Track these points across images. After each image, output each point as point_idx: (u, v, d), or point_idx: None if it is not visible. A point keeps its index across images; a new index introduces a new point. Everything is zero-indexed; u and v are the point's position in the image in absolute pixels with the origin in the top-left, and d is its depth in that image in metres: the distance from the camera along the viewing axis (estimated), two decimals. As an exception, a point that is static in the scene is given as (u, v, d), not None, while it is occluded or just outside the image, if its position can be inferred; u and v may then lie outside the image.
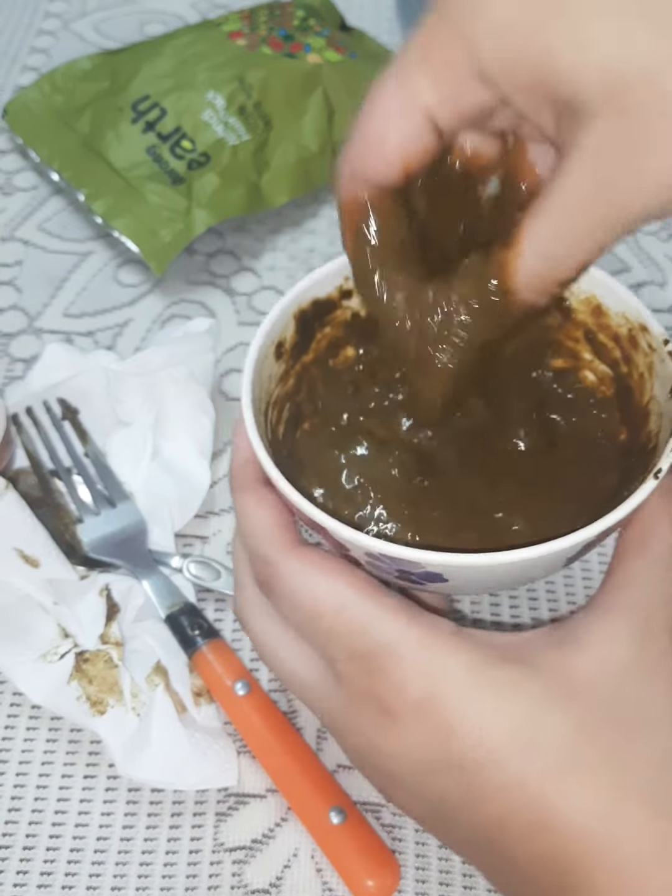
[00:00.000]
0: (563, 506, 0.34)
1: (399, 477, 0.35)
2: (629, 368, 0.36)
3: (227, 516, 0.45)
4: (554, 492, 0.35)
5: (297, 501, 0.29)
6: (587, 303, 0.36)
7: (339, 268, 0.36)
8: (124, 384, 0.45)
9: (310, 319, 0.36)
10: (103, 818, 0.36)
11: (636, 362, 0.35)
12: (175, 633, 0.39)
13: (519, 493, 0.35)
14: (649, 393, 0.35)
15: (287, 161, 0.55)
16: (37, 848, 0.35)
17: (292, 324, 0.35)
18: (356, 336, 0.37)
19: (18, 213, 0.57)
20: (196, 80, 0.55)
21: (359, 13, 0.72)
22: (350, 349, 0.38)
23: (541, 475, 0.35)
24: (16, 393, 0.47)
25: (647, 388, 0.35)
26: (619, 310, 0.35)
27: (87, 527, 0.42)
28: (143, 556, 0.41)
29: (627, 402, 0.36)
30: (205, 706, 0.38)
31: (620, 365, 0.36)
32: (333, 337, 0.37)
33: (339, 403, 0.37)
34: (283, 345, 0.35)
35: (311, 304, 0.36)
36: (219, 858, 0.35)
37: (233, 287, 0.54)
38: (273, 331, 0.34)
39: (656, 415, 0.34)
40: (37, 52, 0.67)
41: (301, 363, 0.36)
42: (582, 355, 0.37)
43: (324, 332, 0.37)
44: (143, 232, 0.52)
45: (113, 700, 0.37)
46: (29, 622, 0.39)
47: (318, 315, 0.36)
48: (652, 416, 0.34)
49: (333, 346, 0.37)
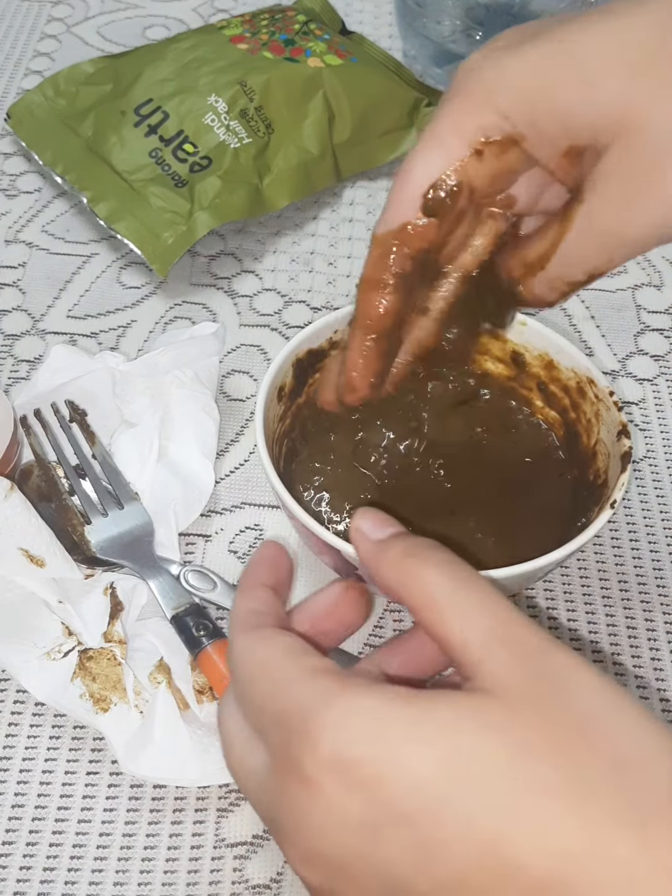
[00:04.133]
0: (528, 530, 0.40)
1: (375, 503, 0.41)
2: (577, 415, 0.42)
3: (229, 515, 0.45)
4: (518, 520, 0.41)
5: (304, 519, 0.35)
6: (540, 359, 0.43)
7: (331, 322, 0.41)
8: (131, 385, 0.46)
9: (305, 367, 0.42)
10: (106, 814, 0.37)
11: (584, 410, 0.42)
12: (180, 634, 0.39)
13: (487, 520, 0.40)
14: (596, 436, 0.41)
15: (288, 164, 0.56)
16: (40, 843, 0.36)
17: (291, 371, 0.41)
18: None
19: (22, 215, 0.58)
20: (198, 84, 0.56)
21: (359, 18, 0.72)
22: None
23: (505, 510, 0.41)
24: (21, 394, 0.47)
25: (595, 431, 0.41)
26: (568, 365, 0.42)
27: (95, 528, 0.42)
28: (150, 556, 0.41)
29: (575, 444, 0.42)
30: (207, 703, 0.38)
31: (569, 412, 0.43)
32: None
33: (324, 440, 0.43)
34: (283, 389, 0.41)
35: (307, 354, 0.41)
36: (220, 854, 0.36)
37: (234, 289, 0.55)
38: (277, 377, 0.40)
39: (604, 455, 0.40)
40: (40, 55, 0.68)
41: (296, 404, 0.42)
42: (535, 402, 0.44)
43: (315, 378, 0.42)
44: (146, 234, 0.52)
45: (116, 697, 0.37)
46: (33, 620, 0.39)
47: (312, 363, 0.42)
48: (600, 457, 0.40)
49: None
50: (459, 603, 0.26)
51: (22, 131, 0.58)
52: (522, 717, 0.23)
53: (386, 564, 0.28)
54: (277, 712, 0.25)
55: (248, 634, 0.28)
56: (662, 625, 0.42)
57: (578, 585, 0.44)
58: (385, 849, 0.23)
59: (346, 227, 0.58)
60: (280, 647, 0.27)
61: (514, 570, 0.33)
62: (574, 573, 0.44)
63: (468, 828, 0.23)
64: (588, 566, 0.44)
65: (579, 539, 0.34)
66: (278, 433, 0.41)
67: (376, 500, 0.41)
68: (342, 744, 0.24)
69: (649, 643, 0.42)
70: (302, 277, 0.56)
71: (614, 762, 0.23)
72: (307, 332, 0.41)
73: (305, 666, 0.26)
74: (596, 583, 0.44)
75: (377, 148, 0.59)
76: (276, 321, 0.53)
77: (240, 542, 0.44)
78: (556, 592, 0.43)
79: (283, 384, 0.40)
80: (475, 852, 0.23)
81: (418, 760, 0.23)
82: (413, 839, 0.23)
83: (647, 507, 0.47)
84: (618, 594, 0.43)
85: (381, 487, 0.42)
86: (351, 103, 0.57)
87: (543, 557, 0.34)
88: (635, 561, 0.45)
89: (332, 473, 0.42)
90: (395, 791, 0.23)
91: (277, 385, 0.40)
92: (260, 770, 0.26)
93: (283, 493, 0.36)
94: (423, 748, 0.23)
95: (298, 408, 0.42)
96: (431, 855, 0.23)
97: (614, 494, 0.36)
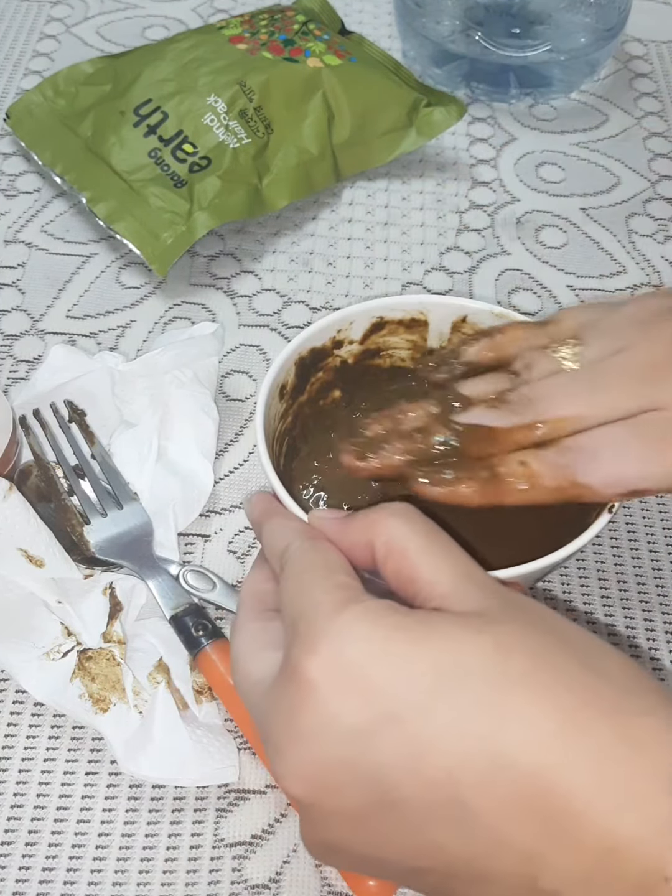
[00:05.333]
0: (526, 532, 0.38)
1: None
2: None
3: (228, 515, 0.45)
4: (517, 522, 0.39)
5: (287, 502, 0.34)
6: None
7: (334, 321, 0.41)
8: (130, 385, 0.46)
9: (307, 366, 0.41)
10: (105, 814, 0.37)
11: None
12: (179, 634, 0.39)
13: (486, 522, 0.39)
14: None
15: (287, 164, 0.56)
16: (39, 844, 0.36)
17: (293, 369, 0.40)
18: (342, 380, 0.43)
19: (22, 215, 0.58)
20: (197, 84, 0.56)
21: (358, 18, 0.72)
22: (337, 391, 0.43)
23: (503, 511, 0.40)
24: (21, 394, 0.47)
25: None
26: None
27: (95, 528, 0.42)
28: (149, 556, 0.41)
29: None
30: (206, 703, 0.38)
31: None
32: (325, 381, 0.43)
33: (324, 438, 0.42)
34: (286, 387, 0.40)
35: (310, 353, 0.41)
36: (219, 854, 0.36)
37: (233, 289, 0.55)
38: (279, 375, 0.39)
39: None
40: (39, 55, 0.68)
41: (298, 403, 0.42)
42: None
43: (317, 377, 0.42)
44: (145, 234, 0.52)
45: (115, 698, 0.37)
46: (33, 620, 0.39)
47: (315, 362, 0.42)
48: None
49: (324, 389, 0.43)
50: (425, 547, 0.28)
51: (21, 131, 0.58)
52: (500, 625, 0.25)
53: (352, 528, 0.30)
54: (293, 614, 0.27)
55: (303, 542, 0.30)
56: (661, 625, 0.42)
57: (578, 587, 0.44)
58: (375, 753, 0.24)
59: (345, 228, 0.58)
60: (320, 559, 0.29)
61: (518, 570, 0.33)
62: (573, 574, 0.44)
63: (458, 724, 0.24)
64: (587, 567, 0.44)
65: (579, 540, 0.34)
66: (279, 431, 0.41)
67: (375, 500, 0.41)
68: (340, 646, 0.25)
69: (648, 643, 0.42)
70: (301, 277, 0.56)
71: (585, 665, 0.25)
72: (310, 330, 0.40)
73: (332, 580, 0.28)
74: (595, 583, 0.44)
75: (376, 148, 0.59)
76: (276, 321, 0.53)
77: (239, 542, 0.44)
78: (555, 592, 0.43)
79: (284, 382, 0.40)
80: (463, 749, 0.23)
81: (411, 662, 0.24)
82: (404, 738, 0.24)
83: (646, 509, 0.47)
84: (617, 594, 0.43)
85: (379, 488, 0.42)
86: (350, 103, 0.57)
87: (544, 559, 0.34)
88: (634, 562, 0.45)
89: (331, 473, 0.42)
90: (389, 691, 0.24)
91: (279, 383, 0.40)
92: (265, 679, 0.28)
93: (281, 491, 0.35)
94: (416, 651, 0.25)
95: (300, 406, 0.42)
96: (422, 753, 0.24)
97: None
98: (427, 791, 0.24)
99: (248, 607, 0.31)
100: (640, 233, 0.59)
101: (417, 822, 0.24)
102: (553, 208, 0.60)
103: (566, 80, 0.66)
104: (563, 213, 0.60)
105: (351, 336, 0.42)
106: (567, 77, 0.66)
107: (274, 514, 0.34)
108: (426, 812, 0.24)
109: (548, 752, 0.23)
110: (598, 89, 0.68)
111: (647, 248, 0.58)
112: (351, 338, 0.42)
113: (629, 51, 0.71)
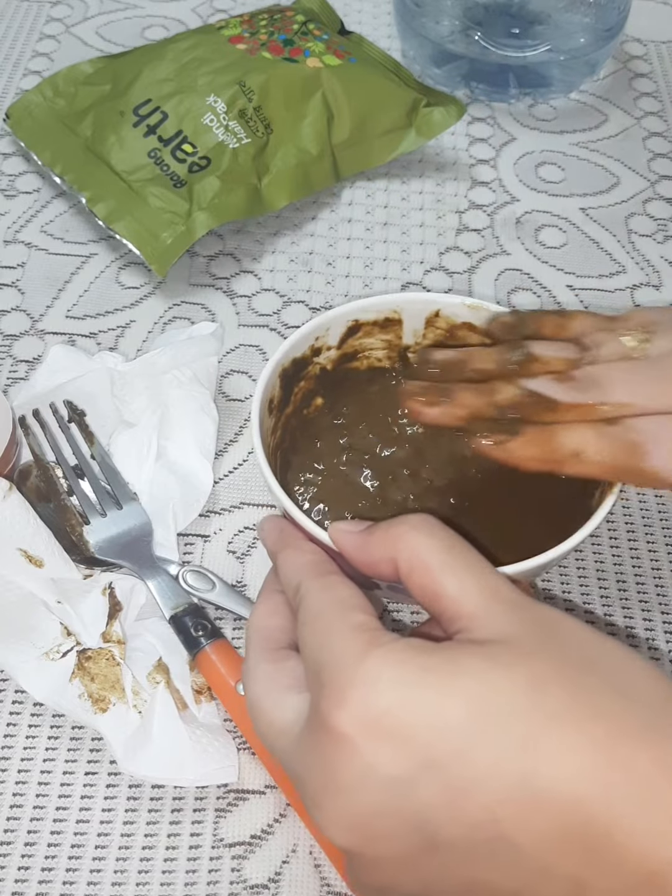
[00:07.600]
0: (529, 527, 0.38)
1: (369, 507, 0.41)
2: None
3: (228, 515, 0.45)
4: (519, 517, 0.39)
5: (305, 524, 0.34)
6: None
7: (311, 330, 0.41)
8: (130, 385, 0.46)
9: (290, 377, 0.41)
10: (104, 814, 0.37)
11: None
12: (179, 634, 0.39)
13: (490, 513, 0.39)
14: None
15: (287, 164, 0.56)
16: (38, 844, 0.36)
17: (278, 382, 0.40)
18: (323, 387, 0.43)
19: (21, 215, 0.58)
20: (197, 84, 0.56)
21: (358, 18, 0.72)
22: (319, 399, 0.44)
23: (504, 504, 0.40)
24: (20, 394, 0.47)
25: None
26: None
27: (94, 528, 0.42)
28: (149, 557, 0.41)
29: None
30: (205, 703, 0.38)
31: None
32: (307, 389, 0.43)
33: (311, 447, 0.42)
34: (273, 401, 0.40)
35: (292, 364, 0.41)
36: (218, 854, 0.36)
37: (233, 289, 0.55)
38: (266, 391, 0.39)
39: None
40: (39, 56, 0.68)
41: (285, 415, 0.42)
42: None
43: (299, 386, 0.42)
44: (145, 235, 0.52)
45: (115, 698, 0.37)
46: (32, 620, 0.39)
47: (296, 372, 0.42)
48: None
49: (307, 397, 0.43)
50: (449, 562, 0.27)
51: (21, 131, 0.58)
52: (531, 658, 0.25)
53: (373, 542, 0.29)
54: (315, 662, 0.26)
55: (314, 581, 0.29)
56: (661, 625, 0.42)
57: (577, 586, 0.44)
58: (417, 799, 0.24)
59: (344, 228, 0.58)
60: (334, 599, 0.28)
61: (528, 563, 0.33)
62: (573, 573, 0.44)
63: (496, 765, 0.24)
64: (587, 566, 0.44)
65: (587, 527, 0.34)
66: (271, 446, 0.40)
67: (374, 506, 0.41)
68: (371, 697, 0.24)
69: (648, 643, 0.42)
70: (300, 278, 0.56)
71: (618, 690, 0.24)
72: (290, 341, 0.40)
73: (349, 621, 0.27)
74: (594, 583, 0.44)
75: (376, 148, 0.59)
76: (275, 321, 0.53)
77: (238, 542, 0.44)
78: (554, 592, 0.43)
79: (272, 397, 0.40)
80: (504, 788, 0.23)
81: (444, 705, 0.24)
82: (443, 783, 0.24)
83: (645, 508, 0.47)
84: (616, 594, 0.43)
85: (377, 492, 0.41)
86: (350, 103, 0.57)
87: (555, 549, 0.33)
88: (633, 561, 0.45)
89: (325, 482, 0.42)
90: (425, 737, 0.24)
91: (268, 399, 0.39)
92: (291, 728, 0.27)
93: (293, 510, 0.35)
94: (448, 693, 0.24)
95: (287, 418, 0.42)
96: (463, 796, 0.24)
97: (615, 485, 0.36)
98: (471, 831, 0.24)
99: (258, 647, 0.31)
100: (640, 233, 0.59)
101: (463, 860, 0.24)
102: (552, 208, 0.60)
103: (566, 80, 0.66)
104: (563, 213, 0.60)
105: (328, 342, 0.42)
106: (566, 77, 0.66)
107: (286, 545, 0.33)
108: (471, 851, 0.24)
109: (588, 785, 0.23)
110: (597, 89, 0.68)
111: (647, 248, 0.58)
112: (329, 344, 0.42)
113: (629, 51, 0.71)
